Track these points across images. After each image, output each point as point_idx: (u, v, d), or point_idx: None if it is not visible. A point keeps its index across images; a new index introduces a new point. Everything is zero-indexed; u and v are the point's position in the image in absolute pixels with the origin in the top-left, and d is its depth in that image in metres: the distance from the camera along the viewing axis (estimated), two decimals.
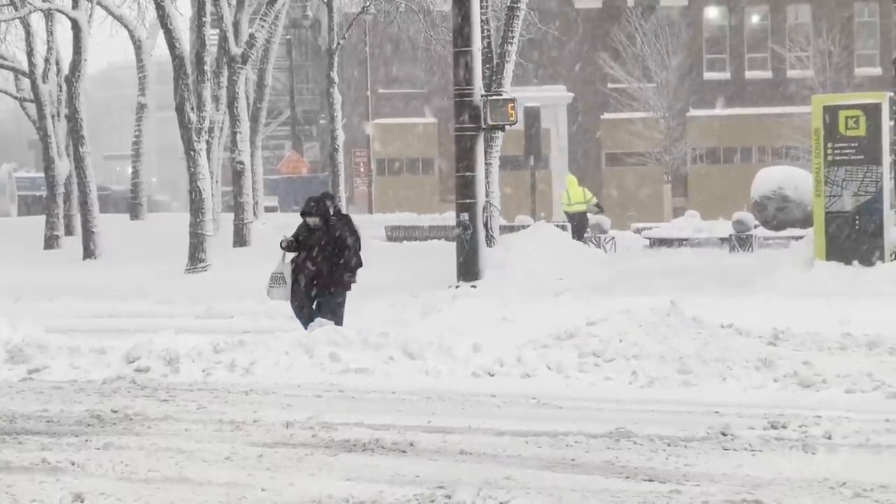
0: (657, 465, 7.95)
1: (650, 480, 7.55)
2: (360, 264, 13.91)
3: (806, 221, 25.63)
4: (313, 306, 13.88)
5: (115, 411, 10.14)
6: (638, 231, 34.12)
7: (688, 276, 20.04)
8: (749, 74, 50.41)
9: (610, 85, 48.85)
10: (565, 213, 31.19)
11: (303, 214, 13.94)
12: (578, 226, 29.71)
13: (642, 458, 8.14)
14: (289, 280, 13.77)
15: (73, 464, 8.14)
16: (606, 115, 49.92)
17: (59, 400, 10.87)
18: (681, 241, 29.38)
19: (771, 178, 29.74)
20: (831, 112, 18.52)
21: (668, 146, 47.78)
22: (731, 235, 28.21)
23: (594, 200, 31.97)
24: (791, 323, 12.95)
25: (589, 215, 31.08)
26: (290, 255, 14.01)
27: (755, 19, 50.81)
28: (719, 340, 12.14)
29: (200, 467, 8.05)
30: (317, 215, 13.77)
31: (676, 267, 22.19)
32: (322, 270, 13.70)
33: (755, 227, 28.72)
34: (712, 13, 50.80)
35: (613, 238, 30.94)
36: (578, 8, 49.70)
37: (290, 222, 33.64)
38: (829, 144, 18.50)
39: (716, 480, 7.53)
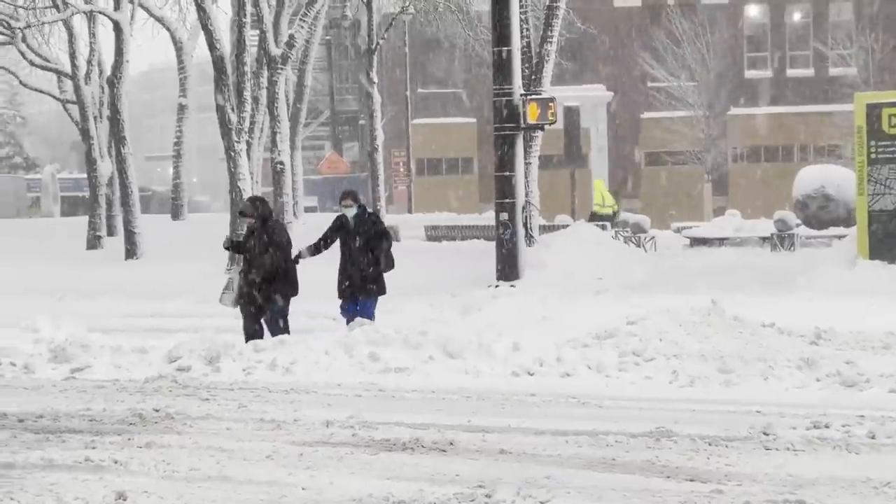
0: (698, 465, 7.91)
1: (691, 480, 7.51)
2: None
3: (848, 220, 25.44)
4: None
5: (156, 410, 10.20)
6: (678, 230, 33.96)
7: (728, 276, 19.94)
8: (791, 72, 50.12)
9: (650, 84, 48.72)
10: (597, 213, 31.15)
11: (240, 214, 13.83)
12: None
13: (683, 458, 8.10)
14: (235, 286, 13.62)
15: (116, 462, 8.19)
16: (646, 115, 49.77)
17: (101, 399, 10.95)
18: (721, 241, 29.20)
19: (813, 177, 29.52)
20: (874, 110, 18.37)
21: (709, 145, 47.57)
22: (772, 234, 28.02)
23: (615, 207, 32.24)
24: (834, 322, 12.85)
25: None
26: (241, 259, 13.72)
27: (797, 17, 50.50)
28: (761, 340, 12.07)
29: (241, 466, 8.09)
30: (252, 217, 13.57)
31: (717, 266, 22.08)
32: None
33: (797, 226, 28.51)
34: (753, 11, 50.53)
35: (653, 237, 30.80)
36: (618, 7, 49.57)
37: (331, 222, 33.80)
38: (872, 142, 18.35)
39: (758, 480, 7.48)
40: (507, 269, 19.64)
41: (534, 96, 20.27)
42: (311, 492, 7.40)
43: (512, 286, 19.04)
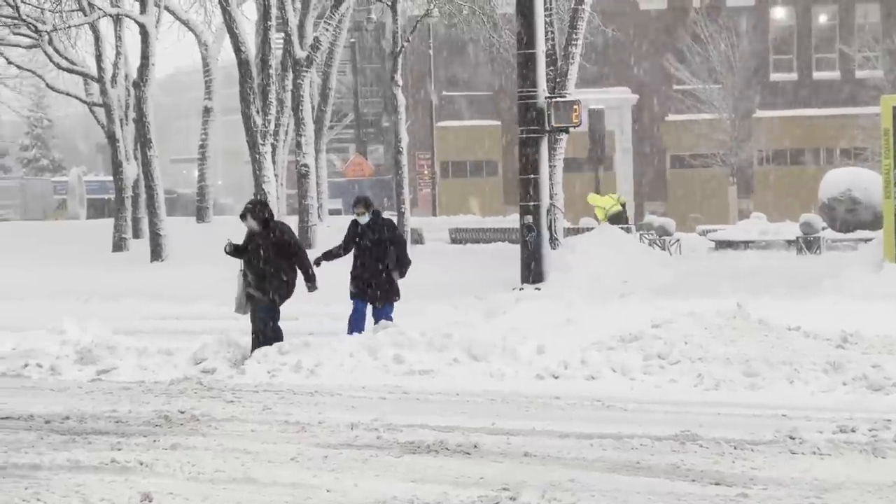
0: (724, 469, 7.89)
1: (717, 484, 7.49)
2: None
3: (875, 223, 25.28)
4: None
5: (182, 412, 10.23)
6: (703, 233, 33.87)
7: (754, 279, 19.85)
8: (817, 75, 49.92)
9: (675, 86, 48.60)
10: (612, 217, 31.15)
11: (242, 217, 13.36)
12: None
13: (708, 462, 8.08)
14: (239, 293, 13.21)
15: (142, 463, 8.22)
16: (671, 117, 49.66)
17: (127, 400, 11.00)
18: (747, 244, 29.11)
19: (839, 180, 29.39)
20: None
21: (734, 148, 47.43)
22: (798, 238, 27.91)
23: (623, 199, 32.20)
24: (860, 326, 12.77)
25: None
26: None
27: (823, 19, 50.30)
28: (787, 343, 12.02)
29: (266, 468, 8.11)
30: (254, 219, 13.23)
31: (742, 269, 21.99)
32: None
33: (823, 229, 28.40)
34: (779, 13, 50.36)
35: (678, 240, 30.72)
36: (643, 9, 49.48)
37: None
38: None
39: (783, 484, 7.45)
40: (532, 271, 19.62)
41: (558, 99, 20.25)
42: (335, 494, 7.41)
43: (536, 289, 19.03)
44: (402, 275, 14.15)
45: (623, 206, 31.40)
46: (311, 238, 26.87)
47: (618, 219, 30.17)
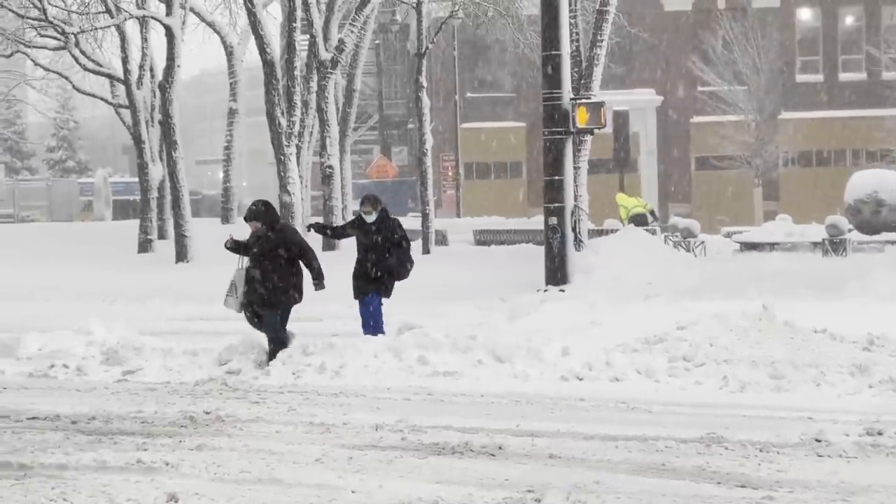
0: (749, 471, 7.86)
1: (742, 486, 7.47)
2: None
3: None
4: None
5: (207, 413, 10.27)
6: (728, 235, 33.73)
7: (779, 281, 19.77)
8: (843, 76, 49.66)
9: (700, 88, 48.45)
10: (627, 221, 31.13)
11: (246, 219, 13.18)
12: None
13: (734, 464, 8.06)
14: (240, 289, 13.01)
15: (168, 464, 8.26)
16: (696, 119, 49.51)
17: (153, 401, 11.04)
18: (772, 246, 28.97)
19: (865, 182, 29.25)
20: None
21: (759, 149, 47.23)
22: (823, 240, 27.76)
23: (649, 206, 32.14)
24: (887, 328, 12.70)
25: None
26: (245, 261, 13.15)
27: (849, 20, 50.04)
28: (812, 345, 11.98)
29: (291, 469, 8.12)
30: (260, 221, 13.03)
31: (768, 271, 21.89)
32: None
33: (849, 231, 28.25)
34: (805, 14, 50.13)
35: (703, 242, 30.60)
36: (668, 11, 49.35)
37: None
38: None
39: (810, 487, 7.43)
40: (556, 273, 19.60)
41: (583, 100, 20.23)
42: (360, 495, 7.43)
43: (561, 290, 19.01)
44: (403, 276, 13.85)
45: (651, 212, 31.41)
46: (335, 239, 26.87)
47: (640, 220, 30.12)
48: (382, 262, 13.65)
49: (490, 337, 12.84)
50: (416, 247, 28.58)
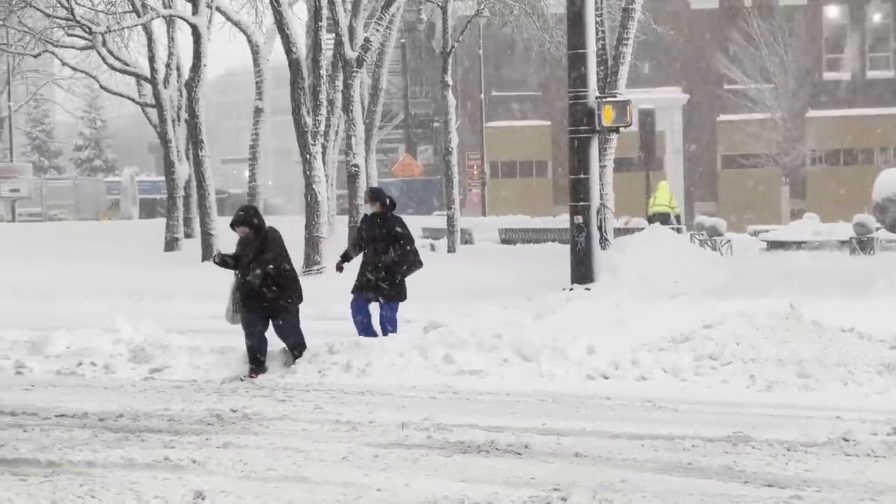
0: (776, 471, 7.84)
1: (770, 486, 7.44)
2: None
3: None
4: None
5: (234, 410, 10.30)
6: (755, 234, 33.64)
7: (806, 279, 19.69)
8: (870, 74, 49.43)
9: (726, 86, 48.31)
10: (649, 216, 31.01)
11: (232, 225, 12.77)
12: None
13: (761, 463, 8.03)
14: (230, 303, 12.76)
15: (195, 462, 8.29)
16: (722, 117, 49.37)
17: (180, 399, 11.09)
18: (799, 244, 28.86)
19: (893, 180, 29.10)
20: None
21: (786, 148, 47.05)
22: (851, 238, 27.64)
23: (677, 210, 32.01)
24: None
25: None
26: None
27: (877, 17, 49.80)
28: (840, 344, 11.92)
29: (317, 467, 8.14)
30: (246, 227, 12.72)
31: (794, 270, 21.82)
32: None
33: (877, 229, 28.10)
34: (832, 12, 49.90)
35: (729, 241, 30.52)
36: (695, 8, 49.21)
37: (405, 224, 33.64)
38: None
39: (837, 486, 7.39)
40: (582, 272, 19.56)
41: (609, 99, 20.18)
42: (386, 493, 7.44)
43: (586, 289, 18.97)
44: (406, 274, 13.72)
45: (677, 217, 31.35)
46: None
47: (661, 219, 30.06)
48: (383, 257, 13.58)
49: (516, 335, 12.83)
50: (441, 246, 28.79)
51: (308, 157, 24.25)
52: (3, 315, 17.40)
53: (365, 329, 13.69)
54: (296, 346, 12.75)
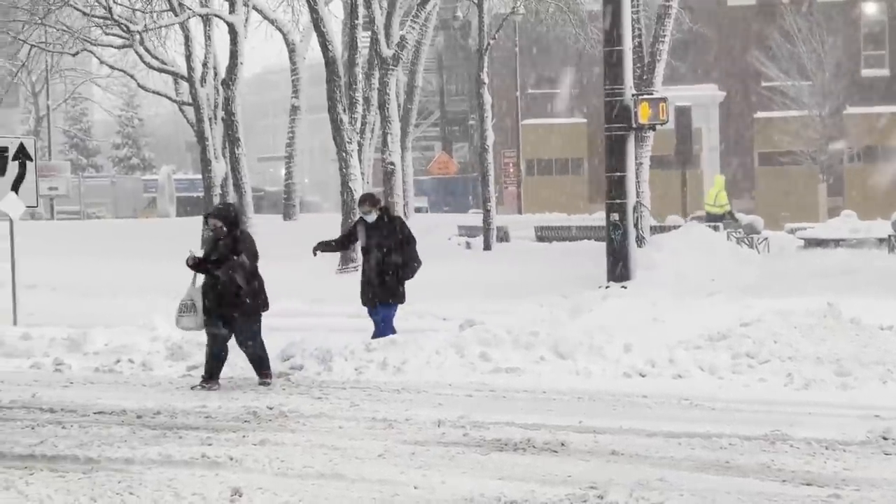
0: (815, 469, 7.79)
1: (808, 484, 7.40)
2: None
3: None
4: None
5: (270, 408, 10.34)
6: (792, 231, 33.40)
7: (845, 277, 19.55)
8: None
9: (763, 83, 48.03)
10: (709, 213, 31.04)
11: (206, 218, 12.24)
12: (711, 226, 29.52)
13: (799, 462, 7.99)
14: (199, 306, 12.10)
15: (232, 459, 8.32)
16: (760, 114, 49.09)
17: (216, 396, 11.14)
18: (837, 242, 28.63)
19: None
20: None
21: (824, 145, 46.72)
22: (889, 236, 27.41)
23: (727, 207, 31.95)
24: None
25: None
26: (201, 279, 12.41)
27: None
28: (879, 343, 11.84)
29: (354, 464, 8.16)
30: (220, 220, 12.32)
31: (832, 268, 21.66)
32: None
33: None
34: (870, 8, 49.51)
35: (767, 239, 30.33)
36: (731, 5, 48.96)
37: (440, 222, 33.65)
38: None
39: (876, 485, 7.34)
40: (618, 269, 19.50)
41: (645, 96, 20.12)
42: (423, 491, 7.44)
43: (623, 287, 18.92)
44: (409, 276, 13.40)
45: (730, 213, 31.35)
46: None
47: (714, 218, 30.07)
48: (386, 263, 13.24)
49: (552, 333, 12.81)
50: (477, 243, 28.79)
51: (344, 154, 24.31)
52: (43, 312, 17.53)
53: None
54: (254, 360, 12.06)
